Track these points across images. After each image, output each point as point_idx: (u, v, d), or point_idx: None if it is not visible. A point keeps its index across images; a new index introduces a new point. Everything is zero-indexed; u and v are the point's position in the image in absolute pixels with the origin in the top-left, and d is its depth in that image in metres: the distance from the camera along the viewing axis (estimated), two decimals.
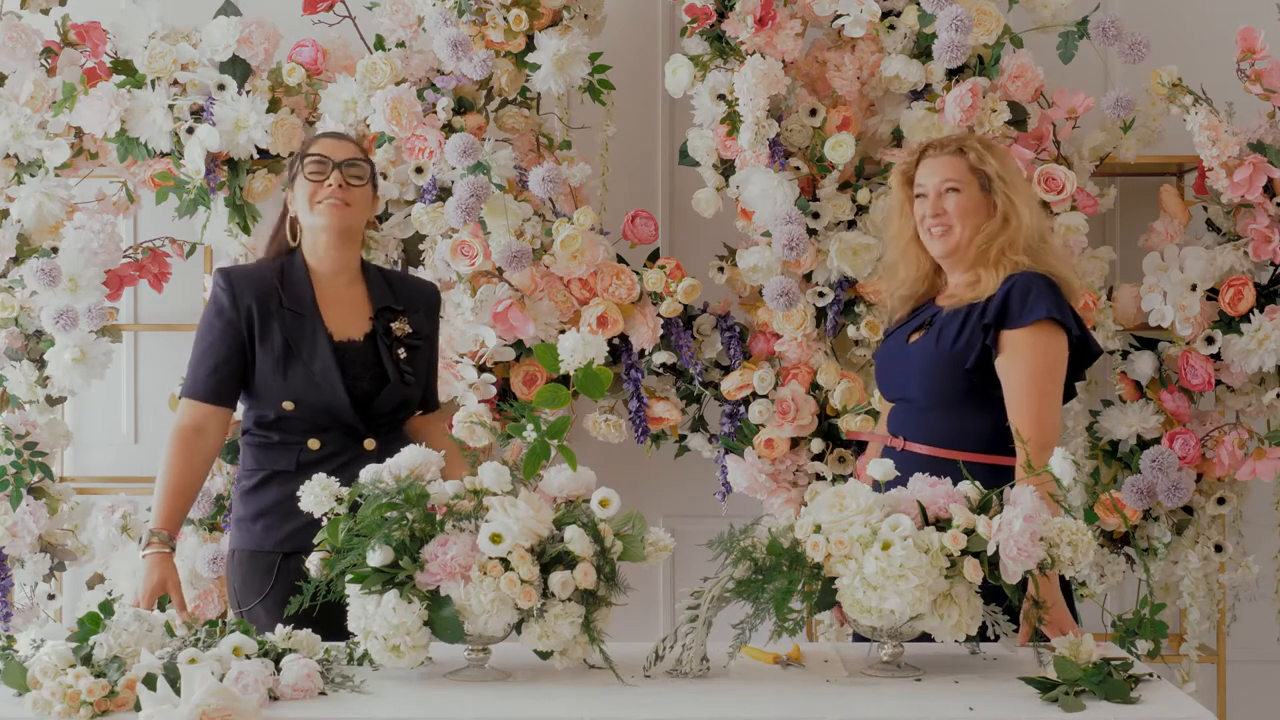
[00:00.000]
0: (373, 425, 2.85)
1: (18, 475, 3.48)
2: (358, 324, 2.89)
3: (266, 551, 2.82)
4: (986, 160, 2.78)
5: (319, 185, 2.84)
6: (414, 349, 2.91)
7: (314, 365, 2.81)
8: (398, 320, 2.90)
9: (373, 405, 2.84)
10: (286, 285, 2.86)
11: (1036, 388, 2.65)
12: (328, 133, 3.01)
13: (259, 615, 2.78)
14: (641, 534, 2.31)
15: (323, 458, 2.79)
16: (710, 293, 3.64)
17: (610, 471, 2.79)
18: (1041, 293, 2.67)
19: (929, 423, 2.75)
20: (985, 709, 2.10)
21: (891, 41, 3.44)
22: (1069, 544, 2.28)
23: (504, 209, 3.38)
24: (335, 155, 2.86)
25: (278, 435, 2.84)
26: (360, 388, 2.83)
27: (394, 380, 2.85)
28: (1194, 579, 3.57)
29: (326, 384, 2.80)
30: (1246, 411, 3.59)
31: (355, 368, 2.84)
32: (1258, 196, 3.42)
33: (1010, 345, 2.67)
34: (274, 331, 2.82)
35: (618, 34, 3.78)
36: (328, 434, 2.82)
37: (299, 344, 2.82)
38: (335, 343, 2.84)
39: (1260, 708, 3.95)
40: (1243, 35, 3.48)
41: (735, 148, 3.41)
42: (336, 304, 2.88)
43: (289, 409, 2.81)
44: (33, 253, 3.51)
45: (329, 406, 2.81)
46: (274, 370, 2.81)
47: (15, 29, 3.48)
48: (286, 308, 2.84)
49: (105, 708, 2.04)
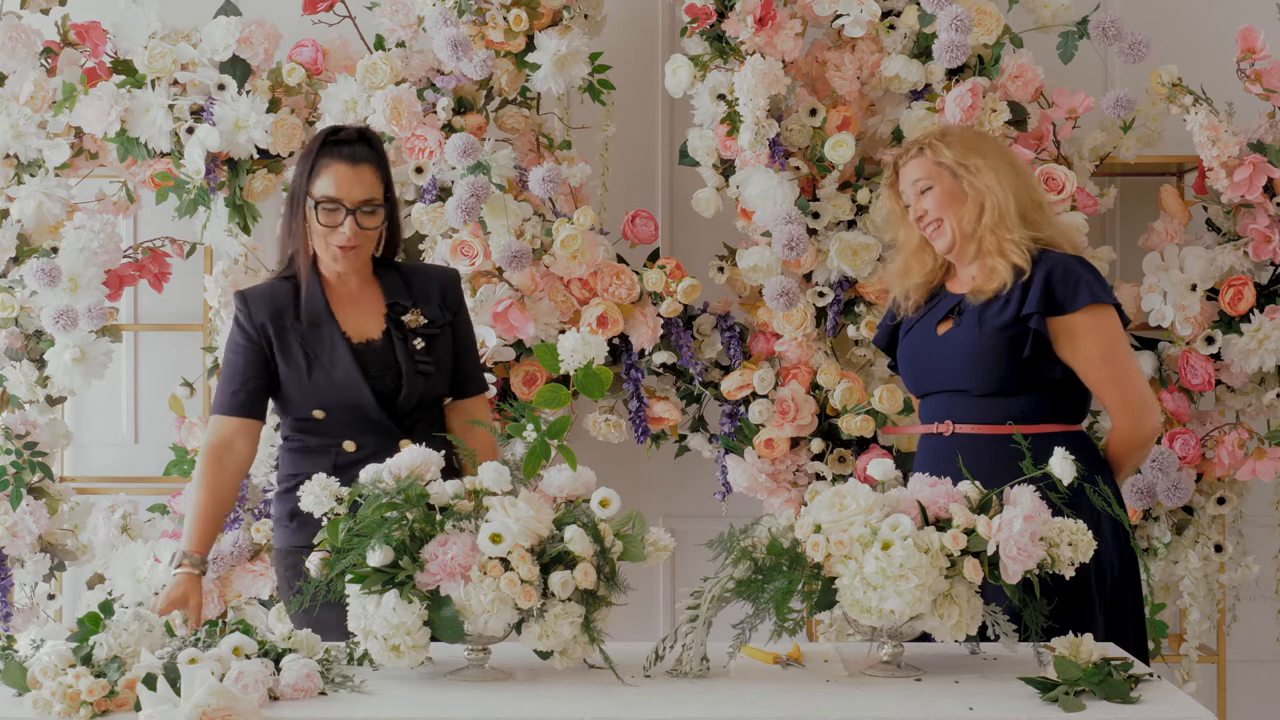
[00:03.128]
0: (404, 422, 2.86)
1: (18, 475, 3.48)
2: (374, 323, 2.89)
3: (300, 547, 2.82)
4: (941, 152, 2.84)
5: (330, 230, 2.82)
6: (431, 338, 2.90)
7: (335, 371, 2.83)
8: (409, 313, 2.90)
9: (398, 402, 2.85)
10: (300, 298, 2.87)
11: (1113, 365, 2.75)
12: (343, 152, 2.84)
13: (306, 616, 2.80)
14: (641, 534, 2.31)
15: (360, 459, 2.74)
16: (710, 293, 3.64)
17: (610, 471, 2.79)
18: (1081, 275, 2.75)
19: (980, 405, 2.79)
20: (985, 709, 2.09)
21: (891, 41, 3.44)
22: (1069, 544, 2.28)
23: (504, 209, 3.38)
24: (350, 197, 2.80)
25: (314, 440, 2.87)
26: (384, 386, 2.84)
27: (407, 374, 2.85)
28: (1194, 579, 3.57)
29: (351, 387, 2.82)
30: (1246, 411, 3.59)
31: (376, 367, 2.85)
32: (1258, 196, 3.42)
33: (1068, 332, 2.74)
34: (293, 345, 2.85)
35: (618, 34, 3.78)
36: (363, 435, 2.84)
37: (318, 353, 2.84)
38: (354, 345, 2.85)
39: (1260, 708, 3.95)
40: (1243, 35, 3.48)
41: (735, 148, 3.41)
42: (352, 306, 2.89)
43: (320, 417, 2.85)
44: (33, 253, 3.51)
45: (357, 409, 2.83)
46: (299, 382, 2.84)
47: (15, 29, 3.48)
48: (303, 320, 2.85)
49: (105, 708, 2.04)
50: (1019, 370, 2.75)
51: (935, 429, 2.83)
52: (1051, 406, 2.77)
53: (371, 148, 2.87)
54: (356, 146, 2.84)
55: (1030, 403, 2.76)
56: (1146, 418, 2.80)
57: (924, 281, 2.94)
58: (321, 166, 2.82)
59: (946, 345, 2.83)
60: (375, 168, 2.85)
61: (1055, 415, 2.77)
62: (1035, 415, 2.74)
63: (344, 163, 2.81)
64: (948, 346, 2.83)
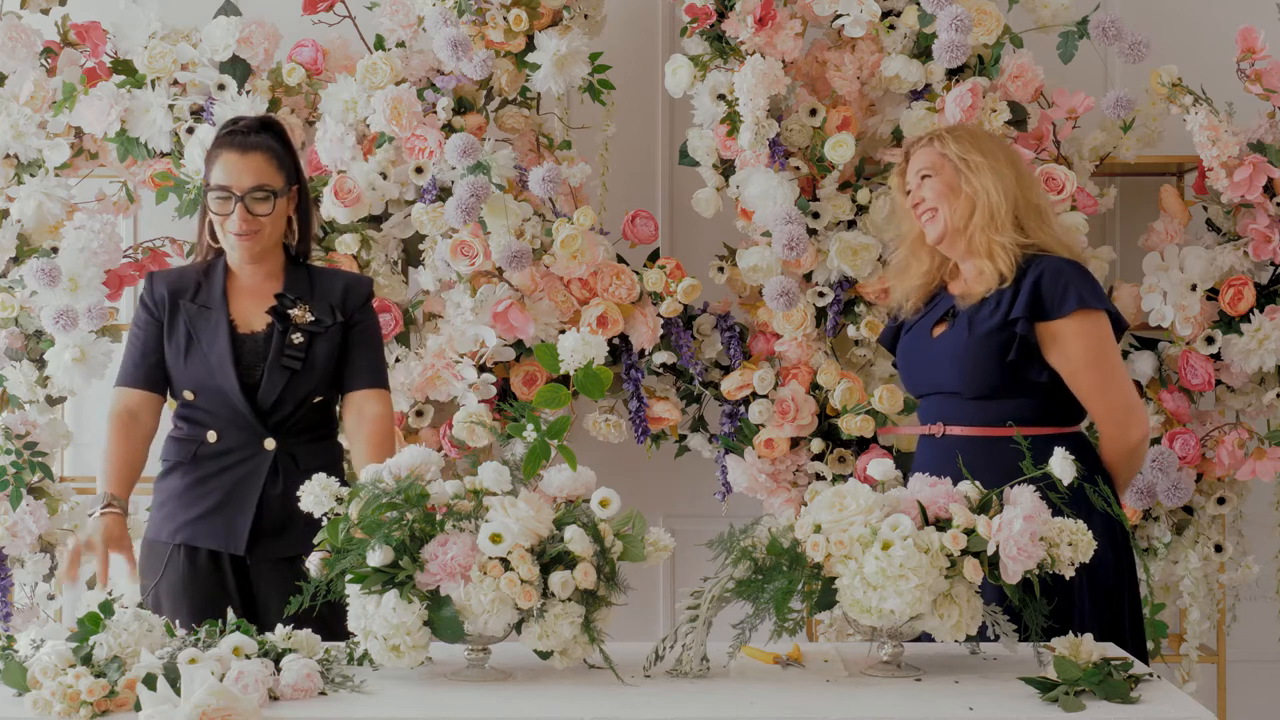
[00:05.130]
0: (268, 419, 2.85)
1: (18, 475, 3.48)
2: (263, 317, 2.90)
3: (161, 541, 2.88)
4: (947, 145, 2.85)
5: (222, 217, 2.84)
6: (312, 335, 2.88)
7: (211, 356, 2.85)
8: (296, 307, 2.89)
9: (258, 394, 2.84)
10: (204, 282, 2.90)
11: (1099, 372, 2.74)
12: (234, 140, 2.85)
13: (160, 599, 2.85)
14: (641, 534, 2.31)
15: (219, 452, 2.85)
16: (710, 293, 3.64)
17: (610, 471, 2.79)
18: (1070, 280, 2.73)
19: (970, 408, 2.78)
20: (985, 709, 2.09)
21: (891, 41, 3.44)
22: (1069, 544, 2.28)
23: (504, 209, 3.38)
24: (239, 184, 2.81)
25: (185, 427, 2.90)
26: (253, 377, 2.85)
27: (270, 364, 2.84)
28: (1194, 579, 3.57)
29: (221, 372, 2.84)
30: (1246, 411, 3.59)
31: (250, 358, 2.86)
32: (1258, 196, 3.42)
33: (1055, 338, 2.73)
34: (180, 325, 2.88)
35: (618, 34, 3.78)
36: (225, 428, 2.86)
37: (200, 334, 2.86)
38: (237, 334, 2.87)
39: (1260, 708, 3.95)
40: (1243, 35, 3.48)
41: (735, 148, 3.41)
42: (249, 297, 2.91)
43: (190, 398, 2.87)
44: (33, 253, 3.51)
45: (222, 395, 2.84)
46: (176, 360, 2.88)
47: (15, 29, 3.48)
48: (196, 302, 2.88)
49: (105, 708, 2.04)
50: (1006, 374, 2.75)
51: (929, 430, 2.84)
52: (1043, 410, 2.76)
53: (270, 135, 2.88)
54: (250, 135, 2.86)
55: (1021, 406, 2.75)
56: (1132, 427, 2.77)
57: (923, 284, 2.94)
58: (215, 155, 2.86)
59: (939, 348, 2.83)
60: (269, 155, 2.86)
61: (1047, 418, 2.76)
62: (1027, 418, 2.73)
63: (234, 151, 2.84)
64: (940, 349, 2.83)
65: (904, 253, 2.98)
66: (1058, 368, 2.75)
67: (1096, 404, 2.76)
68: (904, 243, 2.98)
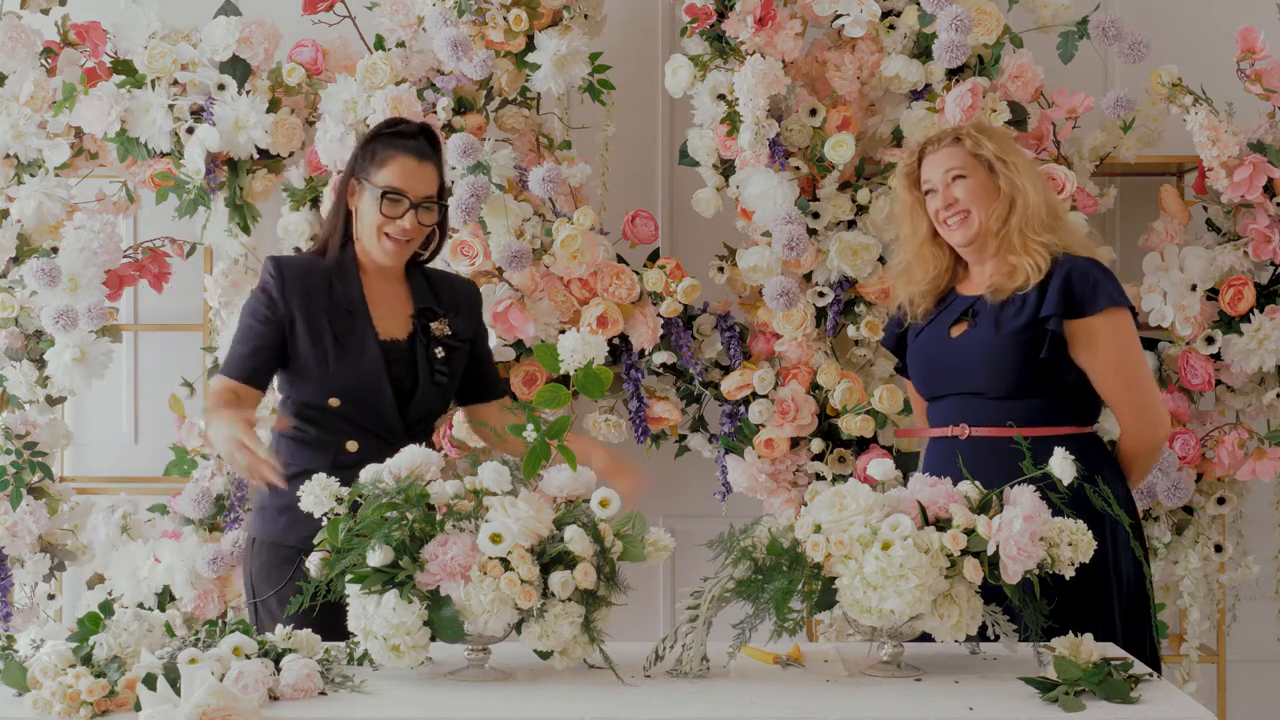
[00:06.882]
0: (412, 429, 2.84)
1: (18, 475, 3.48)
2: (401, 324, 2.88)
3: (289, 546, 2.78)
4: (983, 144, 2.83)
5: (390, 220, 2.81)
6: (452, 350, 2.89)
7: (363, 363, 2.79)
8: (437, 321, 2.89)
9: (409, 407, 2.83)
10: (337, 280, 2.83)
11: (1128, 370, 2.76)
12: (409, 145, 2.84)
13: (272, 606, 2.79)
14: (641, 534, 2.31)
15: (358, 461, 2.65)
16: (710, 293, 3.64)
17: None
18: (1099, 279, 2.75)
19: (994, 407, 2.77)
20: (985, 709, 2.09)
21: (891, 41, 3.44)
22: (1069, 544, 2.28)
23: (504, 209, 3.38)
24: (414, 190, 2.81)
25: (317, 432, 2.81)
26: (403, 388, 2.82)
27: (424, 381, 2.84)
28: (1194, 579, 3.57)
29: (374, 382, 2.79)
30: (1246, 411, 3.59)
31: (398, 368, 2.83)
32: (1258, 196, 3.42)
33: (1085, 335, 2.74)
34: (323, 327, 2.79)
35: (618, 34, 3.78)
36: (366, 437, 2.80)
37: (348, 341, 2.80)
38: (381, 342, 2.83)
39: (1260, 708, 3.95)
40: (1243, 35, 3.48)
41: (735, 148, 3.41)
42: (383, 302, 2.87)
43: (334, 405, 2.80)
44: (33, 253, 3.51)
45: (373, 405, 2.80)
46: (320, 366, 2.79)
47: (15, 29, 3.48)
48: (337, 303, 2.82)
49: (105, 708, 2.04)
50: (1035, 372, 2.75)
51: (949, 432, 2.83)
52: (1064, 409, 2.77)
53: (434, 148, 2.89)
54: (423, 142, 2.86)
55: (1043, 405, 2.75)
56: (1158, 426, 2.81)
57: (930, 289, 2.92)
58: (387, 157, 2.82)
59: (961, 347, 2.82)
60: (438, 168, 2.88)
61: (1068, 418, 2.77)
62: (1048, 417, 2.74)
63: (411, 156, 2.83)
64: (963, 348, 2.82)
65: (907, 255, 2.96)
66: (1085, 366, 2.75)
67: (1124, 402, 2.77)
68: (906, 245, 2.96)
